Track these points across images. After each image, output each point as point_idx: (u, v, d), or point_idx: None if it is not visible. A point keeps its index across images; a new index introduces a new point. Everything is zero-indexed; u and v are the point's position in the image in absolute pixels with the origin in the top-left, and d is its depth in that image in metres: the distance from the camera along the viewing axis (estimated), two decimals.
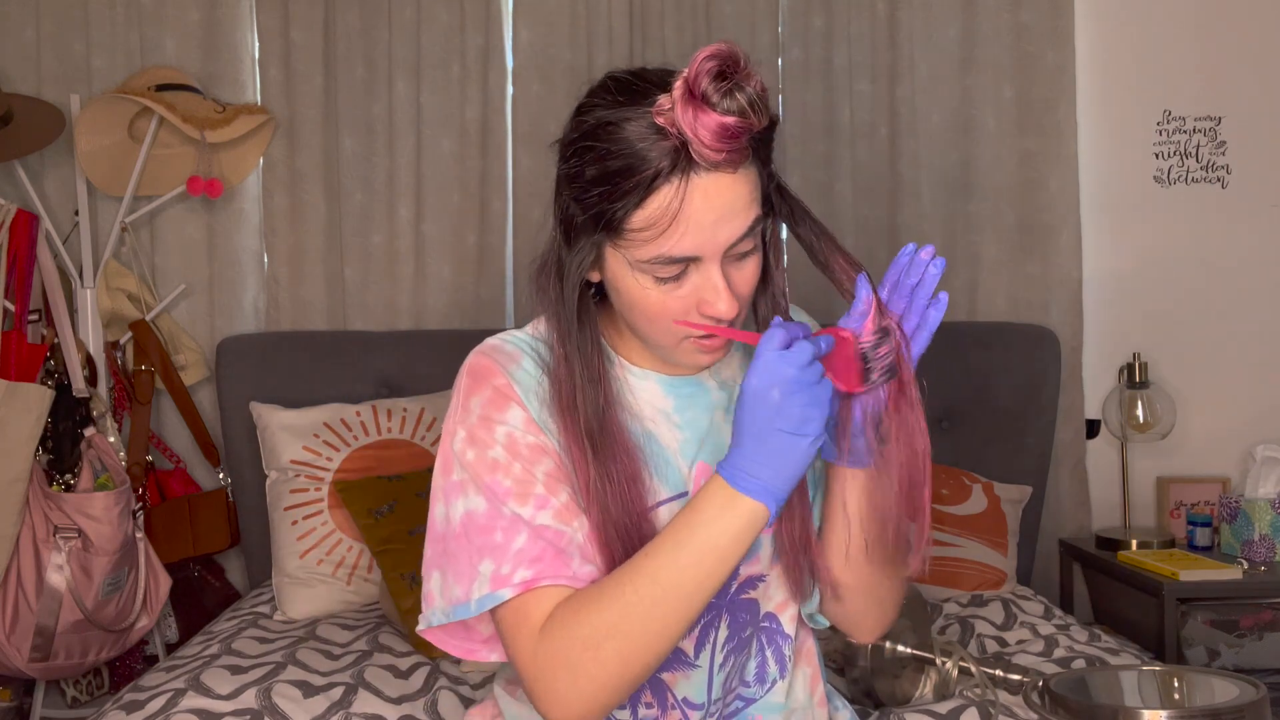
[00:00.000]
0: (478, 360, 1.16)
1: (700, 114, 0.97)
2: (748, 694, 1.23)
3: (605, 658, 1.01)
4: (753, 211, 1.04)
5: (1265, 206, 2.84)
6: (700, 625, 1.17)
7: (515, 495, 1.08)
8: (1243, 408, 2.83)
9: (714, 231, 1.03)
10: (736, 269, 1.07)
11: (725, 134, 0.98)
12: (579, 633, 1.02)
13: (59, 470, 2.38)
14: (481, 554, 1.08)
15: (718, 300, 1.05)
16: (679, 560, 1.01)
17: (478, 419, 1.11)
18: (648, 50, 2.74)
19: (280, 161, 2.73)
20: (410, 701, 1.72)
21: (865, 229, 2.79)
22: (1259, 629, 2.40)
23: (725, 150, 0.99)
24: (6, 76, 2.69)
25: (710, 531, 1.01)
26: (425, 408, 2.45)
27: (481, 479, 1.09)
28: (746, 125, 0.98)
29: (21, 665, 2.27)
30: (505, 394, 1.12)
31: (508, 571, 1.06)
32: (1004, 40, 2.77)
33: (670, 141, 1.00)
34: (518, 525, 1.08)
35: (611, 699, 1.03)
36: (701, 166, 1.00)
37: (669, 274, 1.05)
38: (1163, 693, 1.54)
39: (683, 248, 1.03)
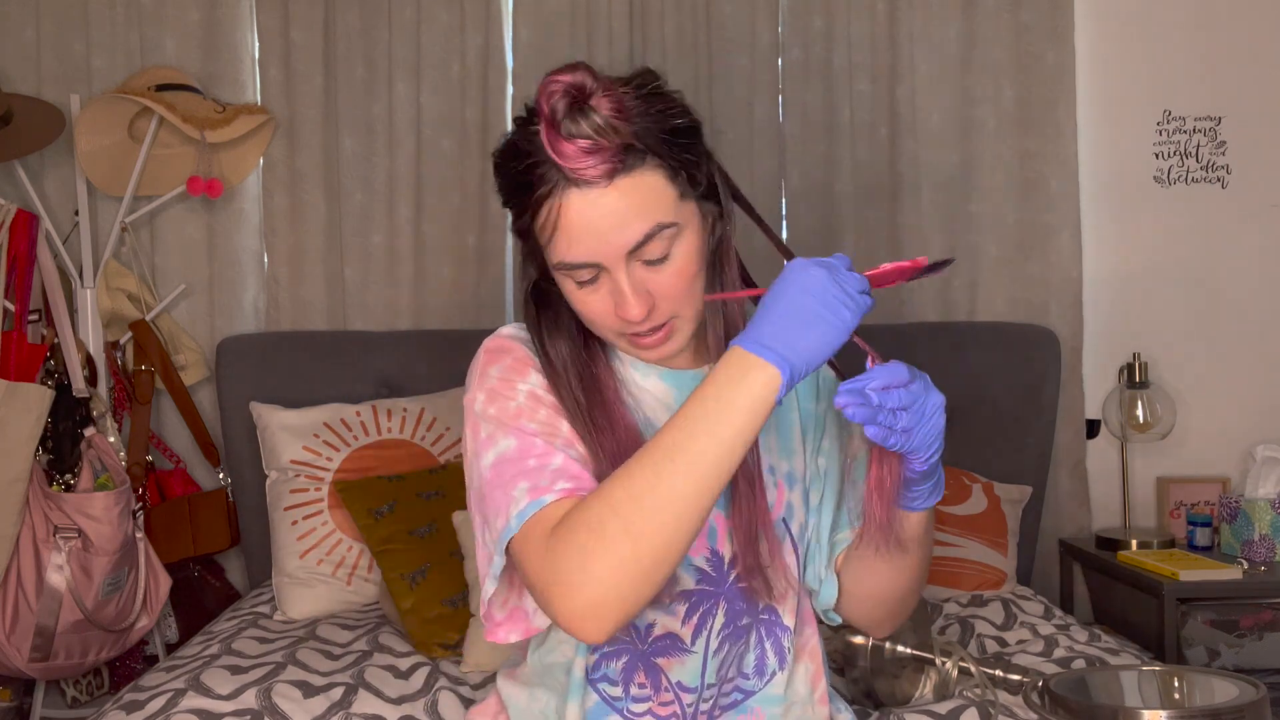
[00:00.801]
0: (495, 341, 1.20)
1: (555, 139, 1.04)
2: (747, 685, 1.24)
3: (610, 535, 0.95)
4: (648, 219, 1.07)
5: (1265, 206, 2.84)
6: (699, 612, 1.18)
7: (542, 435, 1.10)
8: (1243, 408, 2.83)
9: (603, 240, 1.07)
10: (653, 273, 1.10)
11: (579, 155, 1.04)
12: (583, 517, 0.98)
13: (59, 470, 2.38)
14: (516, 479, 1.07)
15: (625, 305, 1.09)
16: (685, 420, 0.97)
17: (498, 380, 1.15)
18: (648, 50, 2.74)
19: (280, 161, 2.73)
20: (410, 702, 1.72)
21: (865, 229, 2.79)
22: (1259, 629, 2.40)
23: (585, 168, 1.04)
24: (6, 76, 2.69)
25: (724, 397, 0.96)
26: (425, 408, 2.45)
27: (508, 424, 1.11)
28: (597, 145, 1.03)
29: (21, 665, 2.27)
30: (524, 362, 1.17)
31: (547, 483, 1.05)
32: (1004, 40, 2.77)
33: (548, 161, 1.06)
34: (549, 452, 1.08)
35: (624, 587, 0.96)
36: (574, 182, 1.06)
37: (582, 278, 1.10)
38: (1163, 693, 1.54)
39: (575, 254, 1.08)
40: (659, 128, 1.07)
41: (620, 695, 1.21)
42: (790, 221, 2.78)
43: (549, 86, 1.04)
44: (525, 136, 1.08)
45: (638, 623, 1.19)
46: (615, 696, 1.21)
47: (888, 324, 2.73)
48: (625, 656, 1.20)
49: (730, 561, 1.20)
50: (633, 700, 1.21)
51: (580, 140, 1.03)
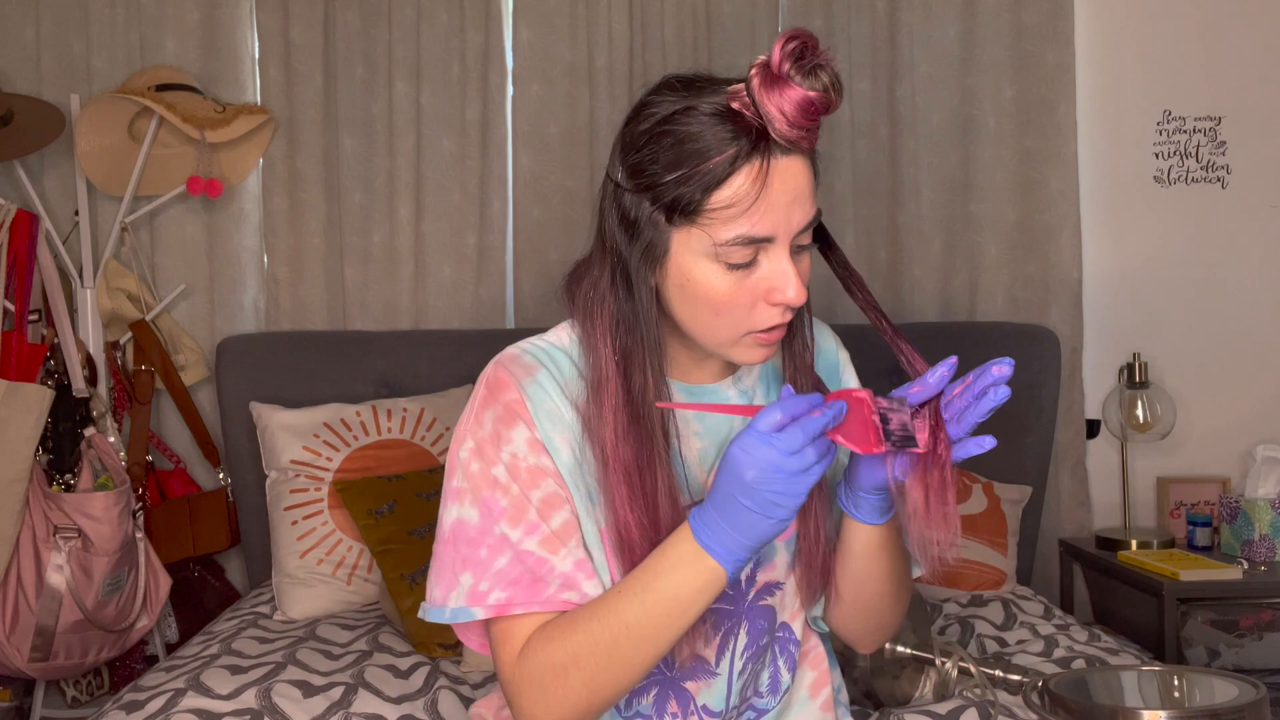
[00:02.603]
0: (495, 373, 1.17)
1: (785, 90, 0.99)
2: (760, 704, 1.24)
3: (572, 685, 1.06)
4: (816, 202, 1.08)
5: (1265, 206, 2.84)
6: (721, 633, 1.19)
7: (508, 517, 1.11)
8: (1243, 408, 2.83)
9: (788, 214, 1.05)
10: (800, 260, 1.09)
11: (809, 109, 0.99)
12: (549, 660, 1.07)
13: (59, 470, 2.38)
14: (465, 565, 1.12)
15: (788, 285, 1.06)
16: (644, 602, 1.04)
17: (488, 435, 1.13)
18: (648, 50, 2.74)
19: (280, 161, 2.73)
20: (410, 701, 1.72)
21: (865, 229, 2.79)
22: (1259, 629, 2.40)
23: (805, 127, 1.01)
24: (6, 76, 2.69)
25: (673, 580, 1.03)
26: (425, 408, 2.45)
27: (480, 492, 1.12)
28: (827, 101, 1.00)
29: (21, 665, 2.27)
30: (515, 411, 1.13)
31: (485, 589, 1.11)
32: (1004, 40, 2.77)
33: (748, 123, 1.02)
34: (504, 546, 1.11)
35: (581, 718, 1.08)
36: (779, 148, 1.03)
37: (743, 258, 1.05)
38: (1163, 693, 1.53)
39: (762, 228, 1.04)
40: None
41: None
42: None
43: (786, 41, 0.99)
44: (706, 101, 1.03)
45: None
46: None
47: None
48: (655, 689, 1.20)
49: (748, 580, 1.20)
50: None
51: (811, 93, 0.99)
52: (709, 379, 1.22)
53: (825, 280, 2.76)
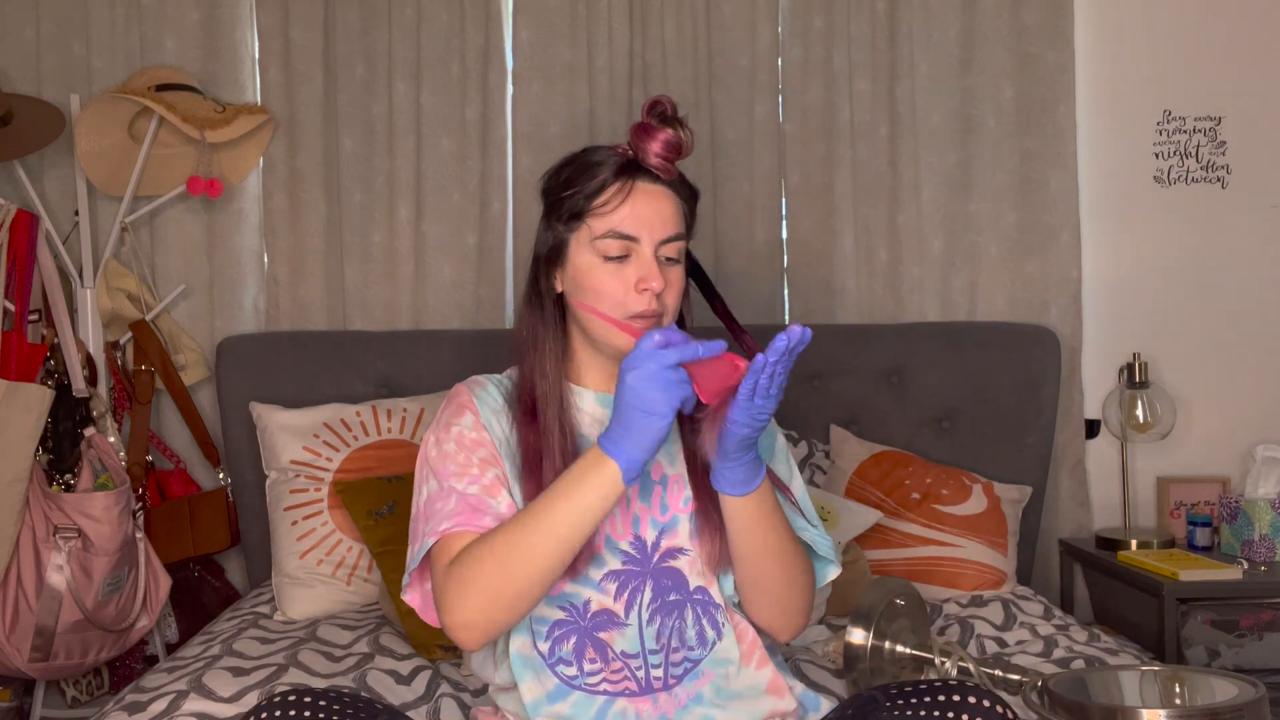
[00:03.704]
0: (455, 388, 1.49)
1: (649, 132, 1.37)
2: (694, 655, 1.42)
3: (485, 571, 1.26)
4: (680, 226, 1.40)
5: (1265, 206, 2.85)
6: (629, 590, 1.40)
7: (454, 474, 1.38)
8: (1243, 408, 2.83)
9: (650, 222, 1.37)
10: (666, 269, 1.39)
11: (666, 144, 1.37)
12: (468, 556, 1.28)
13: (59, 470, 2.38)
14: (427, 520, 1.37)
15: (651, 276, 1.36)
16: (553, 503, 1.26)
17: (442, 426, 1.44)
18: (648, 50, 2.74)
19: (280, 161, 2.73)
20: (413, 709, 1.72)
21: (865, 229, 2.79)
22: (1259, 629, 2.40)
23: (664, 158, 1.37)
24: (6, 76, 2.69)
25: (576, 481, 1.26)
26: (425, 408, 2.45)
27: (435, 467, 1.40)
28: (678, 141, 1.37)
29: (21, 665, 2.27)
30: (464, 405, 1.45)
31: (433, 527, 1.35)
32: (1004, 40, 2.77)
33: (624, 156, 1.39)
34: (451, 494, 1.37)
35: (491, 609, 1.26)
36: (645, 175, 1.38)
37: (615, 251, 1.37)
38: (1163, 693, 1.54)
39: (627, 226, 1.37)
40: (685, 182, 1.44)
41: (575, 673, 1.38)
42: (790, 221, 2.78)
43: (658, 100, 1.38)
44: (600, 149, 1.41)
45: (575, 602, 1.39)
46: (571, 675, 1.39)
47: (888, 324, 2.73)
48: (573, 637, 1.39)
49: (653, 545, 1.41)
50: (587, 675, 1.38)
51: (668, 132, 1.36)
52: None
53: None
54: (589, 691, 1.38)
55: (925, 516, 2.38)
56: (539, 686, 1.38)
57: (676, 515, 1.43)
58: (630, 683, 1.39)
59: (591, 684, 1.38)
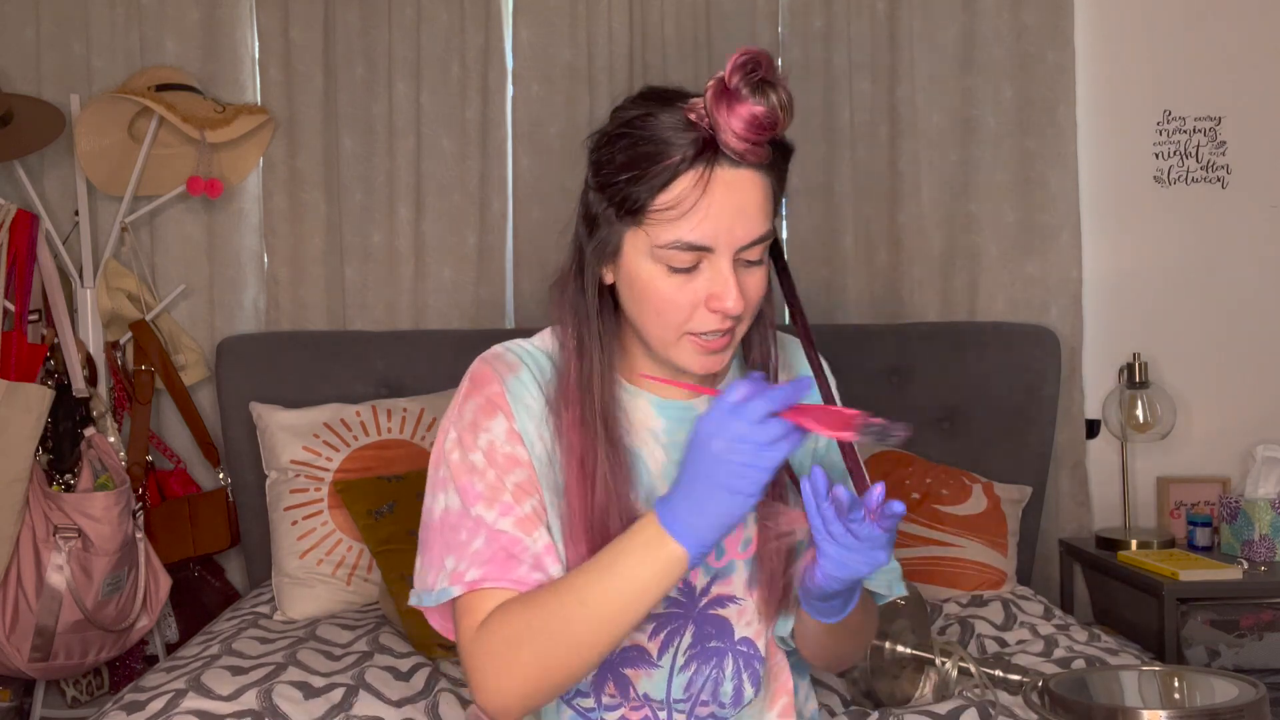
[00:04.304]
0: (479, 367, 1.22)
1: (733, 104, 1.04)
2: (722, 714, 1.26)
3: (524, 658, 1.08)
4: (767, 220, 1.10)
5: (1265, 206, 2.84)
6: (666, 630, 1.23)
7: (484, 499, 1.15)
8: (1243, 408, 2.83)
9: (730, 225, 1.07)
10: (746, 275, 1.11)
11: (754, 124, 1.03)
12: (506, 631, 1.09)
13: (59, 470, 2.38)
14: (448, 549, 1.16)
15: (726, 295, 1.08)
16: (603, 583, 1.05)
17: (467, 424, 1.19)
18: (648, 50, 2.74)
19: (280, 161, 2.73)
20: (411, 704, 1.72)
21: (865, 229, 2.79)
22: (1259, 629, 2.40)
23: (751, 141, 1.05)
24: (6, 76, 2.69)
25: (633, 562, 1.04)
26: (425, 408, 2.45)
27: (459, 479, 1.17)
28: (774, 118, 1.04)
29: (21, 665, 2.27)
30: (495, 403, 1.19)
31: (462, 569, 1.14)
32: (1004, 40, 2.77)
33: (699, 133, 1.06)
34: (480, 528, 1.15)
35: (532, 696, 1.09)
36: (726, 159, 1.06)
37: (683, 263, 1.09)
38: (1163, 693, 1.54)
39: (700, 234, 1.07)
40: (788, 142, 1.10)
41: (593, 706, 1.25)
42: (790, 221, 2.78)
43: (739, 56, 1.04)
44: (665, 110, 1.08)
45: None
46: (588, 708, 1.25)
47: (888, 324, 2.73)
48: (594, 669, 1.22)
49: (702, 590, 1.24)
50: (605, 710, 1.24)
51: (757, 108, 1.03)
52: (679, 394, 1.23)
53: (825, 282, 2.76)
54: None
55: (925, 516, 2.38)
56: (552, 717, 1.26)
57: (733, 560, 1.24)
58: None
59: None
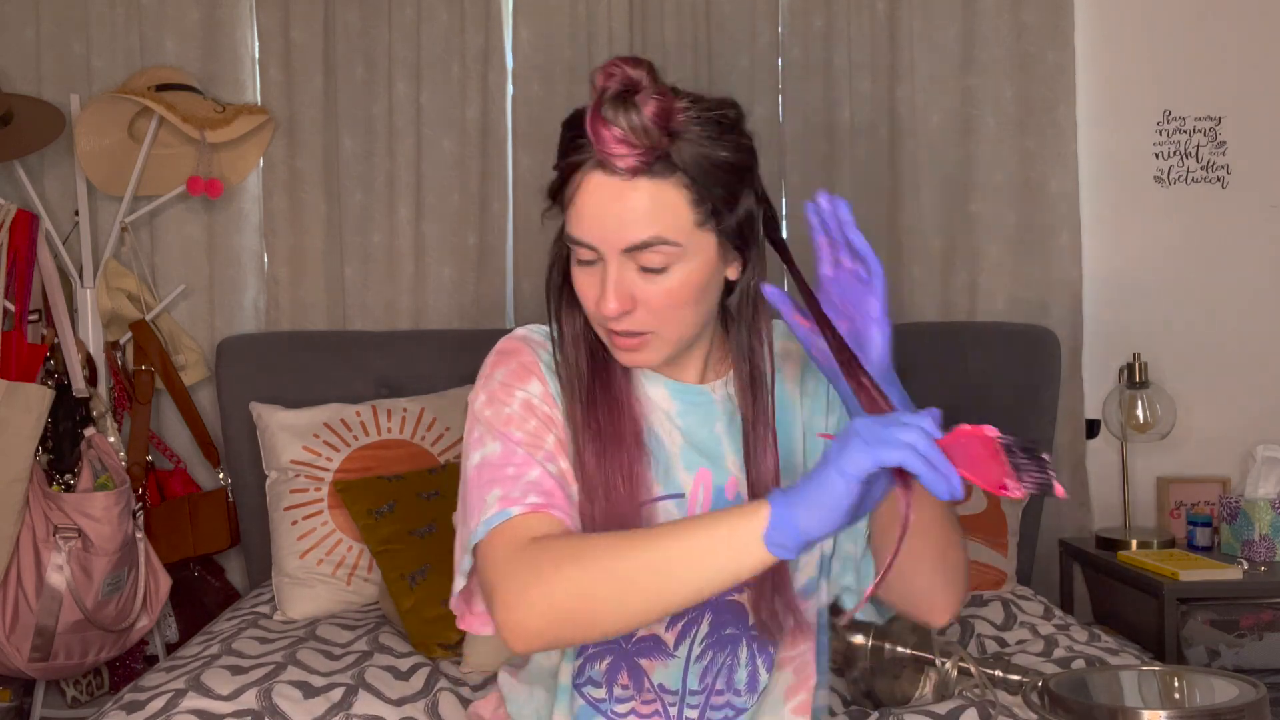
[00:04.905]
0: (507, 342, 1.23)
1: (594, 117, 1.07)
2: (739, 703, 1.25)
3: (567, 577, 1.00)
4: (652, 228, 1.08)
5: (1265, 206, 2.84)
6: (684, 620, 1.21)
7: (527, 445, 1.14)
8: (1243, 408, 2.83)
9: (603, 226, 1.09)
10: (645, 281, 1.11)
11: (611, 139, 1.06)
12: (558, 548, 1.03)
13: (59, 470, 2.38)
14: (492, 485, 1.11)
15: (603, 296, 1.10)
16: (679, 533, 0.98)
17: (499, 384, 1.18)
18: (648, 50, 2.74)
19: (280, 161, 2.73)
20: (410, 703, 1.72)
21: (865, 229, 2.73)
22: (1259, 629, 2.40)
23: (611, 156, 1.07)
24: (6, 76, 2.69)
25: (717, 522, 0.97)
26: (425, 408, 2.45)
27: (497, 428, 1.15)
28: (625, 139, 1.06)
29: (21, 665, 2.27)
30: (529, 368, 1.19)
31: (518, 495, 1.10)
32: (1004, 40, 2.77)
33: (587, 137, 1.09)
34: (530, 463, 1.12)
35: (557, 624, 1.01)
36: (597, 164, 1.09)
37: (582, 256, 1.13)
38: (1163, 693, 1.54)
39: (579, 231, 1.11)
40: (701, 152, 1.10)
41: (604, 697, 1.24)
42: (790, 222, 2.78)
43: (608, 69, 1.07)
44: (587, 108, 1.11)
45: None
46: (599, 699, 1.24)
47: None
48: (609, 657, 1.23)
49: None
50: (616, 701, 1.24)
51: (615, 129, 1.06)
52: (693, 378, 1.25)
53: None
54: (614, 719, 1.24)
55: None
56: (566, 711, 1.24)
57: None
58: (660, 718, 1.24)
59: (619, 713, 1.24)
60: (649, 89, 1.07)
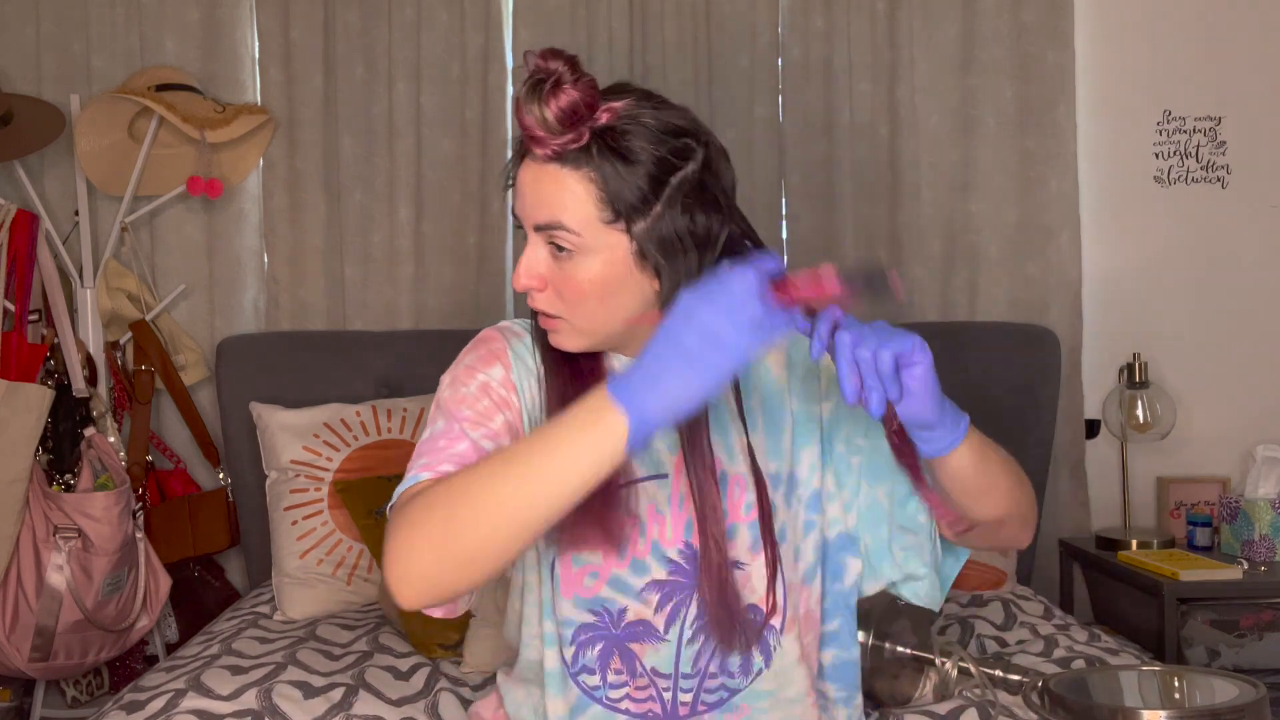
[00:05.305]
0: (485, 331, 1.29)
1: (517, 108, 1.14)
2: (732, 684, 1.26)
3: (435, 519, 0.99)
4: (553, 213, 1.12)
5: (1265, 206, 2.84)
6: (673, 603, 1.23)
7: (470, 421, 1.17)
8: (1243, 408, 2.83)
9: (523, 205, 1.16)
10: (558, 263, 1.15)
11: (532, 126, 1.11)
12: (426, 498, 1.02)
13: (59, 470, 2.38)
14: (420, 457, 1.14)
15: (520, 273, 1.16)
16: (533, 443, 0.98)
17: (464, 368, 1.23)
18: (648, 50, 2.74)
19: (280, 161, 2.73)
20: (410, 703, 1.72)
21: (865, 229, 2.79)
22: (1259, 629, 2.40)
23: (528, 140, 1.13)
24: (6, 76, 2.69)
25: (569, 424, 0.97)
26: (425, 408, 2.45)
27: (448, 407, 1.19)
28: (536, 131, 1.11)
29: (21, 665, 2.27)
30: (496, 354, 1.24)
31: (436, 463, 1.13)
32: (1004, 40, 2.77)
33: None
34: (463, 437, 1.15)
35: (435, 567, 0.99)
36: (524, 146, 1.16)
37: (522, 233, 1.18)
38: (1163, 693, 1.54)
39: (516, 207, 1.18)
40: (616, 152, 1.11)
41: (598, 684, 1.25)
42: (790, 222, 2.78)
43: (526, 57, 1.12)
44: None
45: (610, 607, 1.23)
46: (594, 686, 1.25)
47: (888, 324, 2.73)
48: (600, 643, 1.25)
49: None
50: (610, 687, 1.25)
51: (528, 118, 1.12)
52: None
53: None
54: (609, 707, 1.25)
55: None
56: (563, 702, 1.25)
57: (736, 524, 1.23)
58: (655, 704, 1.25)
59: (614, 699, 1.25)
60: (565, 82, 1.10)
